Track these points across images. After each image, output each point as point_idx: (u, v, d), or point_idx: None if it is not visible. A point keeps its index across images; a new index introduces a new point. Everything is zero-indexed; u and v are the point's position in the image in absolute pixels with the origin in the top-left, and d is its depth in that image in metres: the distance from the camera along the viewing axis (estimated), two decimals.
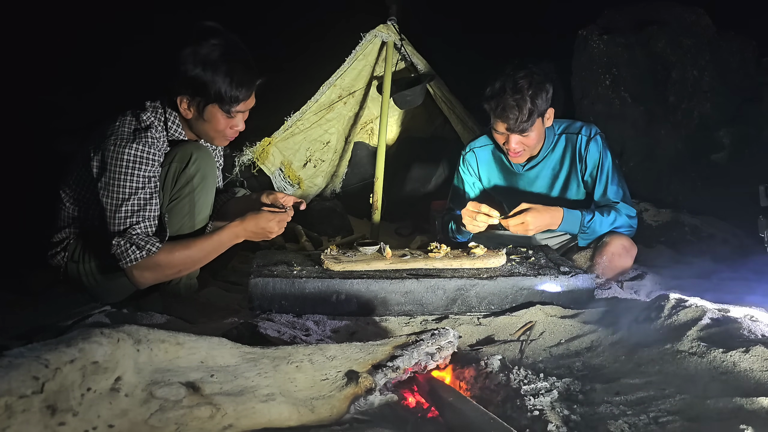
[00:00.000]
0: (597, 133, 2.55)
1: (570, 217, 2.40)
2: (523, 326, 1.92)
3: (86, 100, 3.58)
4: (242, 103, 2.03)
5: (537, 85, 2.34)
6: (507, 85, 2.33)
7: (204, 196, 2.13)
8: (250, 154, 3.63)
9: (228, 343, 1.30)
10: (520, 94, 2.31)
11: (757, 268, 2.51)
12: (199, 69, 1.92)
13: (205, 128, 2.07)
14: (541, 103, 2.35)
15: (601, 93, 3.73)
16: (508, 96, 2.32)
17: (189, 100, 2.00)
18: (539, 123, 2.42)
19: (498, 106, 2.35)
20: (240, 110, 2.05)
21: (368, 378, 1.29)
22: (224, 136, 2.10)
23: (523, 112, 2.32)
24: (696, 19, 3.67)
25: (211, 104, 1.99)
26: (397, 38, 3.60)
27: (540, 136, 2.48)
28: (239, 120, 2.08)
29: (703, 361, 1.45)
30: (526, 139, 2.43)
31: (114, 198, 1.93)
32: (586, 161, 2.54)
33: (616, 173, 2.55)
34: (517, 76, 2.34)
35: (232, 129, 2.09)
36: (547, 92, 2.38)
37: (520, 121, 2.34)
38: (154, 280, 2.03)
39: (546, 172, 2.64)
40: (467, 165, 2.78)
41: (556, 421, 1.23)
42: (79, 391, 1.00)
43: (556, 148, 2.61)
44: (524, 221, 2.30)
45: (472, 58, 4.54)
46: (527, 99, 2.31)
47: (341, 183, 4.31)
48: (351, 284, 2.05)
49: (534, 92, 2.33)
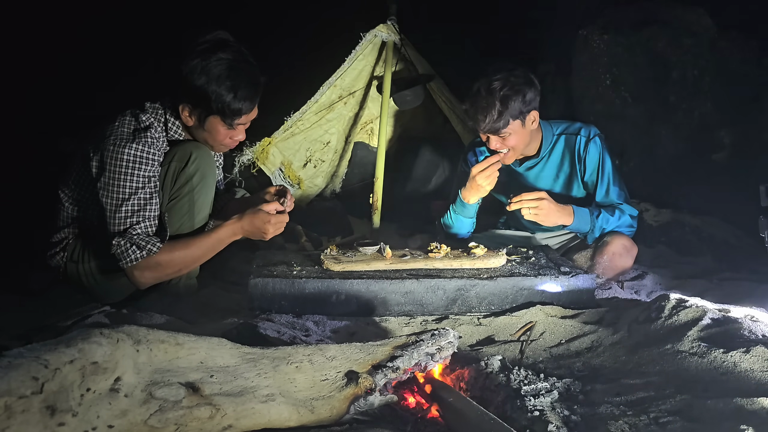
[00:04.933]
0: (596, 134, 2.55)
1: (580, 215, 2.42)
2: (524, 326, 1.92)
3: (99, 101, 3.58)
4: (244, 116, 2.05)
5: (512, 88, 2.35)
6: (482, 86, 2.38)
7: (203, 195, 2.13)
8: (250, 154, 3.63)
9: (228, 344, 1.30)
10: (491, 96, 2.35)
11: (757, 268, 2.51)
12: (203, 81, 1.93)
13: (205, 137, 2.09)
14: (514, 105, 2.36)
15: (601, 93, 3.72)
16: (480, 97, 2.37)
17: (191, 109, 2.02)
18: (517, 125, 2.42)
19: (471, 107, 2.41)
20: (242, 123, 2.07)
21: (368, 378, 1.29)
22: (223, 145, 2.12)
23: (492, 113, 2.35)
24: (696, 19, 3.66)
25: (212, 116, 2.01)
26: (397, 38, 3.60)
27: (523, 138, 2.48)
28: (240, 131, 2.10)
29: (703, 362, 1.45)
30: (505, 140, 2.44)
31: (114, 198, 1.93)
32: (586, 163, 2.54)
33: (617, 174, 2.55)
34: (493, 78, 2.37)
35: (232, 139, 2.11)
36: (523, 95, 2.38)
37: (490, 122, 2.37)
38: (154, 279, 2.03)
39: (547, 172, 2.64)
40: (469, 162, 2.78)
41: (556, 421, 1.23)
42: (78, 392, 1.00)
43: (555, 148, 2.61)
44: (541, 199, 2.32)
45: (471, 58, 4.54)
46: (497, 102, 2.34)
47: (341, 183, 4.30)
48: (351, 284, 2.05)
49: (506, 94, 2.34)
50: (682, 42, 3.57)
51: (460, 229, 2.73)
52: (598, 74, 3.72)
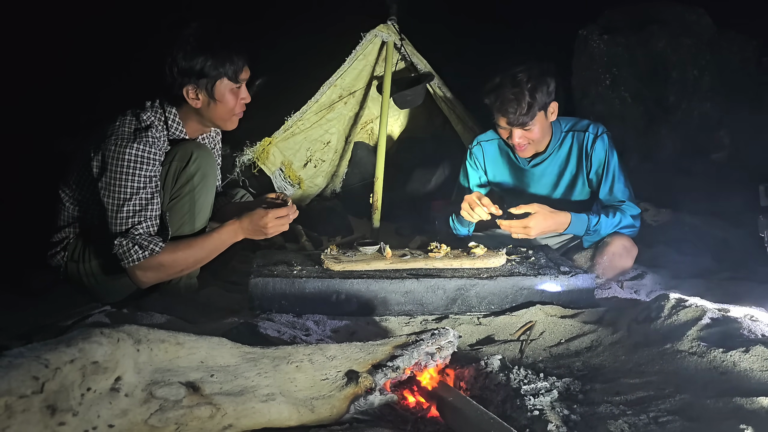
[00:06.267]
0: (604, 131, 2.55)
1: (577, 221, 2.41)
2: (523, 326, 1.92)
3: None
4: (244, 70, 2.06)
5: (536, 79, 2.35)
6: (506, 79, 2.35)
7: (204, 195, 2.13)
8: (250, 154, 3.63)
9: (228, 343, 1.30)
10: (518, 88, 2.33)
11: (757, 268, 2.51)
12: (198, 52, 1.95)
13: (218, 110, 2.08)
14: (540, 97, 2.35)
15: (601, 93, 3.73)
16: (507, 90, 2.34)
17: (195, 88, 2.02)
18: (541, 116, 2.42)
19: (497, 100, 2.37)
20: (243, 78, 2.08)
21: (368, 378, 1.29)
22: (235, 113, 2.13)
23: (522, 105, 2.33)
24: (696, 19, 3.66)
25: (219, 80, 2.01)
26: (397, 38, 3.60)
27: (544, 130, 2.48)
28: (244, 90, 2.11)
29: (703, 361, 1.45)
30: (529, 132, 2.43)
31: (115, 198, 1.93)
32: (592, 159, 2.54)
33: (623, 172, 2.55)
34: (516, 70, 2.35)
35: (241, 103, 2.11)
36: (547, 86, 2.38)
37: (520, 114, 2.35)
38: (156, 279, 2.04)
39: (552, 169, 2.64)
40: (474, 158, 2.78)
41: (555, 420, 1.23)
42: (79, 391, 1.00)
43: (563, 145, 2.61)
44: (527, 227, 2.29)
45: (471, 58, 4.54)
46: (526, 92, 2.32)
47: (341, 183, 4.30)
48: (351, 284, 2.05)
49: (533, 86, 2.33)
50: (682, 42, 3.58)
51: (461, 231, 2.75)
52: (598, 74, 3.72)
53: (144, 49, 2.44)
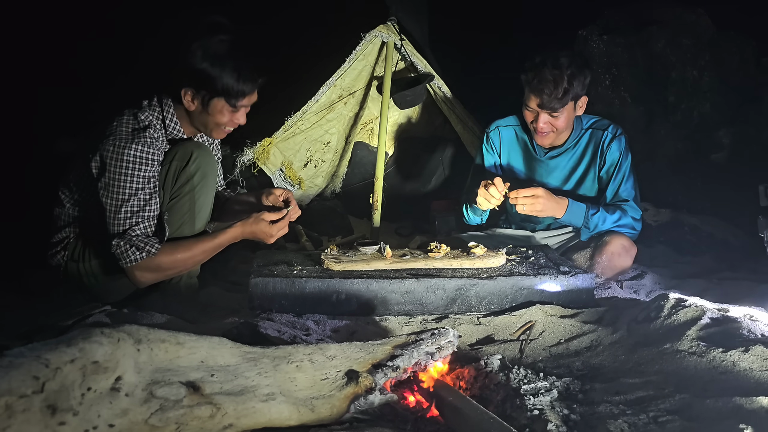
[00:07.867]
0: (622, 133, 2.59)
1: (575, 207, 2.43)
2: (523, 326, 1.92)
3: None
4: (247, 98, 2.05)
5: (577, 67, 2.37)
6: (548, 60, 2.37)
7: (204, 195, 2.14)
8: (250, 154, 3.63)
9: (228, 343, 1.30)
10: (558, 70, 2.34)
11: (756, 268, 2.51)
12: (207, 63, 1.93)
13: (207, 120, 2.07)
14: (577, 85, 2.37)
15: (601, 93, 3.73)
16: (547, 70, 2.35)
17: (194, 93, 2.01)
18: (570, 107, 2.43)
19: (534, 78, 2.38)
20: (244, 104, 2.06)
21: (368, 377, 1.29)
22: (225, 130, 2.12)
23: (558, 89, 2.34)
24: (696, 19, 3.66)
25: (216, 98, 2.00)
26: (397, 38, 3.60)
27: (569, 122, 2.49)
28: (241, 114, 2.09)
29: (702, 361, 1.45)
30: (555, 120, 2.44)
31: (114, 199, 1.93)
32: (606, 158, 2.57)
33: (632, 175, 2.58)
34: (560, 53, 2.38)
35: (234, 122, 2.11)
36: (585, 77, 2.40)
37: (554, 98, 2.36)
38: (154, 279, 2.04)
39: (566, 163, 2.65)
40: (491, 143, 2.79)
41: (555, 420, 1.23)
42: (79, 391, 1.00)
43: (581, 141, 2.63)
44: (535, 194, 2.31)
45: (471, 58, 4.54)
46: (565, 77, 2.34)
47: (341, 183, 4.30)
48: (351, 284, 2.06)
49: (572, 72, 2.35)
50: (682, 42, 3.58)
51: (474, 220, 2.79)
52: (597, 74, 3.72)
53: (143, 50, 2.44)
